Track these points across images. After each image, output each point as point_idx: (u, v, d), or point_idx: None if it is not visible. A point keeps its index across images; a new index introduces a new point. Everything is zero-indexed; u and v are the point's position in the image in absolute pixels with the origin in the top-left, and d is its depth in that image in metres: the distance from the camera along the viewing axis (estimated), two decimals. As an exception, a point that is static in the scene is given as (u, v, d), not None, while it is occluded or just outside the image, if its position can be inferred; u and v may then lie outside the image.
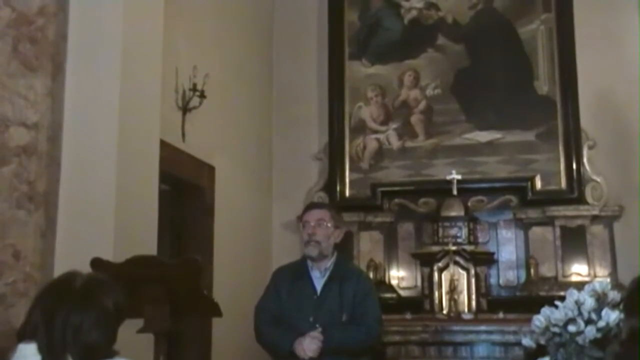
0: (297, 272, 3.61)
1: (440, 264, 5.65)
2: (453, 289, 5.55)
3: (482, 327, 5.19)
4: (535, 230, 6.03)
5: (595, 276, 5.71)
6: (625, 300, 2.09)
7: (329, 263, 3.57)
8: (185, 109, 4.81)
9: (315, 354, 3.35)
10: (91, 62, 3.52)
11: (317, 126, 6.58)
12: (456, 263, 5.62)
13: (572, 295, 2.47)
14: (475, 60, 6.34)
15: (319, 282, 3.54)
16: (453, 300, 5.53)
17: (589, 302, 2.43)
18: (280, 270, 3.76)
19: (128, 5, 3.63)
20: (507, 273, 6.03)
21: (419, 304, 5.76)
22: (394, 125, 6.38)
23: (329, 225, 3.58)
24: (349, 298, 3.48)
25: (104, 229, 3.37)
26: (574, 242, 5.89)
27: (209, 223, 5.15)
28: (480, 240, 6.01)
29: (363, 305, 3.49)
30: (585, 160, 6.04)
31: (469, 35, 6.41)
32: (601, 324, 2.38)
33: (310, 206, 3.84)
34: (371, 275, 5.74)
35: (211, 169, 5.24)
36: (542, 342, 2.53)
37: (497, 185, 6.15)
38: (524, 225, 6.06)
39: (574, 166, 5.98)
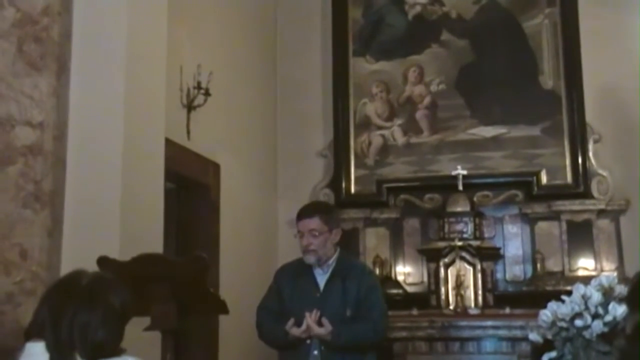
0: (299, 269, 3.60)
1: (446, 260, 5.64)
2: (459, 285, 5.55)
3: (489, 323, 5.18)
4: (541, 225, 6.01)
5: (602, 270, 5.71)
6: (629, 294, 2.08)
7: (332, 260, 3.56)
8: (190, 107, 4.82)
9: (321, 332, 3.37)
10: (96, 61, 3.52)
11: (322, 123, 6.58)
12: (462, 258, 5.62)
13: (579, 289, 2.47)
14: (479, 56, 6.33)
15: (322, 279, 3.53)
16: (459, 296, 5.52)
17: (596, 297, 2.43)
18: (282, 268, 3.75)
19: (132, 4, 3.63)
20: (514, 268, 6.03)
21: (425, 299, 5.75)
22: (398, 121, 6.38)
23: (322, 233, 3.53)
24: (353, 293, 3.47)
25: (110, 227, 3.37)
26: (580, 236, 5.89)
27: (214, 221, 5.16)
28: (486, 235, 6.00)
29: (368, 300, 3.48)
30: (590, 154, 6.02)
31: (473, 31, 6.39)
32: (608, 318, 2.38)
33: (300, 214, 3.64)
34: (377, 271, 5.75)
35: (216, 167, 5.25)
36: (549, 337, 2.53)
37: (502, 180, 6.14)
38: (530, 220, 6.05)
39: (580, 160, 5.97)
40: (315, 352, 3.40)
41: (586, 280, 2.64)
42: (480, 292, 5.56)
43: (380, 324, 3.52)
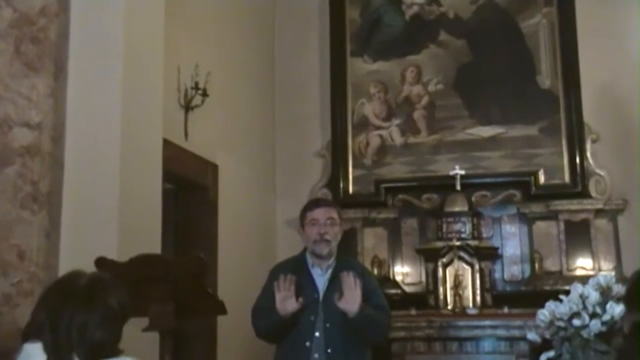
0: (296, 268, 3.49)
1: (444, 260, 5.65)
2: (457, 285, 5.56)
3: (487, 322, 5.19)
4: (539, 225, 6.02)
5: (599, 270, 5.71)
6: (627, 294, 2.09)
7: (331, 260, 3.52)
8: (187, 108, 4.82)
9: (357, 303, 3.27)
10: (93, 61, 3.52)
11: (320, 123, 6.58)
12: (460, 258, 5.63)
13: (577, 289, 2.47)
14: (477, 56, 6.34)
15: (320, 280, 3.47)
16: (458, 296, 5.53)
17: (594, 296, 2.43)
18: (277, 267, 3.63)
19: (129, 5, 3.64)
20: (512, 268, 6.03)
21: (423, 299, 5.76)
22: (396, 121, 6.38)
23: (338, 225, 3.52)
24: None
25: (108, 228, 3.37)
26: (578, 236, 5.89)
27: (212, 221, 5.16)
28: (484, 235, 6.01)
29: (372, 301, 3.45)
30: (588, 154, 6.03)
31: (471, 31, 6.40)
32: (606, 317, 2.39)
33: (317, 203, 3.67)
34: (375, 271, 5.76)
35: (214, 168, 5.25)
36: (547, 336, 2.53)
37: (500, 180, 6.15)
38: (528, 220, 6.05)
39: (578, 160, 5.98)
40: (316, 355, 3.36)
41: (584, 279, 2.64)
42: (478, 291, 5.57)
43: (387, 321, 3.52)
